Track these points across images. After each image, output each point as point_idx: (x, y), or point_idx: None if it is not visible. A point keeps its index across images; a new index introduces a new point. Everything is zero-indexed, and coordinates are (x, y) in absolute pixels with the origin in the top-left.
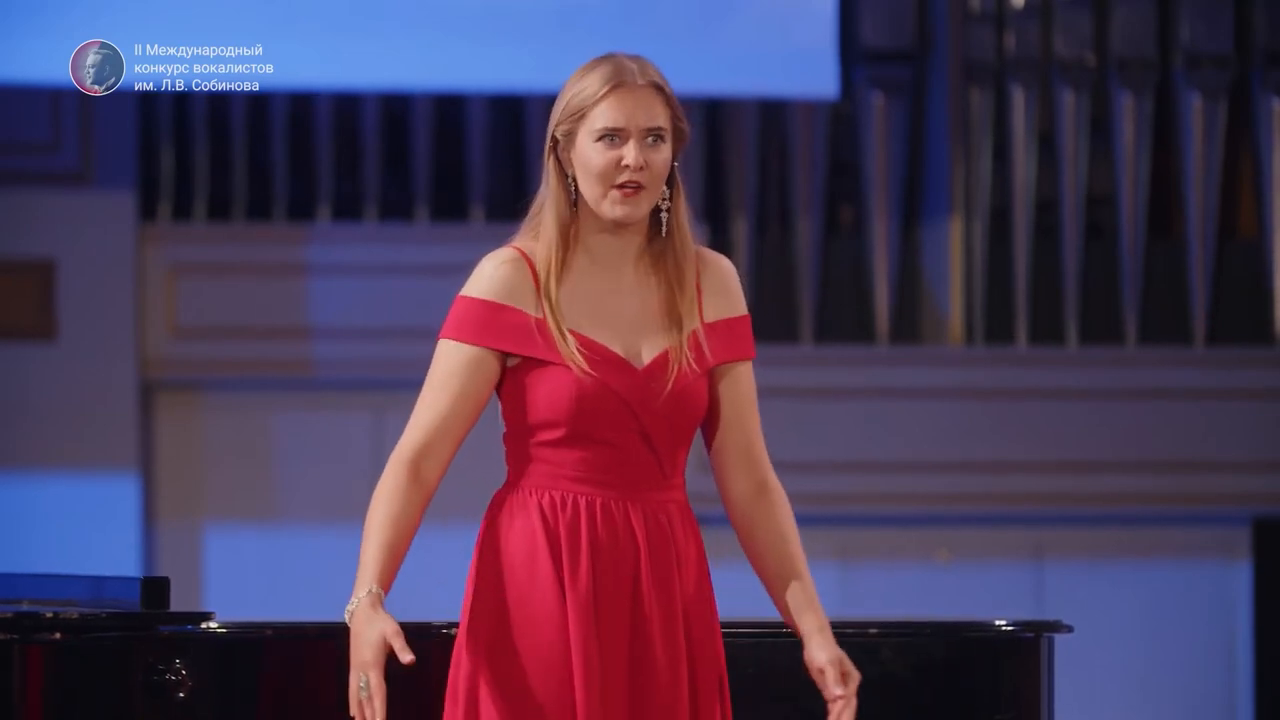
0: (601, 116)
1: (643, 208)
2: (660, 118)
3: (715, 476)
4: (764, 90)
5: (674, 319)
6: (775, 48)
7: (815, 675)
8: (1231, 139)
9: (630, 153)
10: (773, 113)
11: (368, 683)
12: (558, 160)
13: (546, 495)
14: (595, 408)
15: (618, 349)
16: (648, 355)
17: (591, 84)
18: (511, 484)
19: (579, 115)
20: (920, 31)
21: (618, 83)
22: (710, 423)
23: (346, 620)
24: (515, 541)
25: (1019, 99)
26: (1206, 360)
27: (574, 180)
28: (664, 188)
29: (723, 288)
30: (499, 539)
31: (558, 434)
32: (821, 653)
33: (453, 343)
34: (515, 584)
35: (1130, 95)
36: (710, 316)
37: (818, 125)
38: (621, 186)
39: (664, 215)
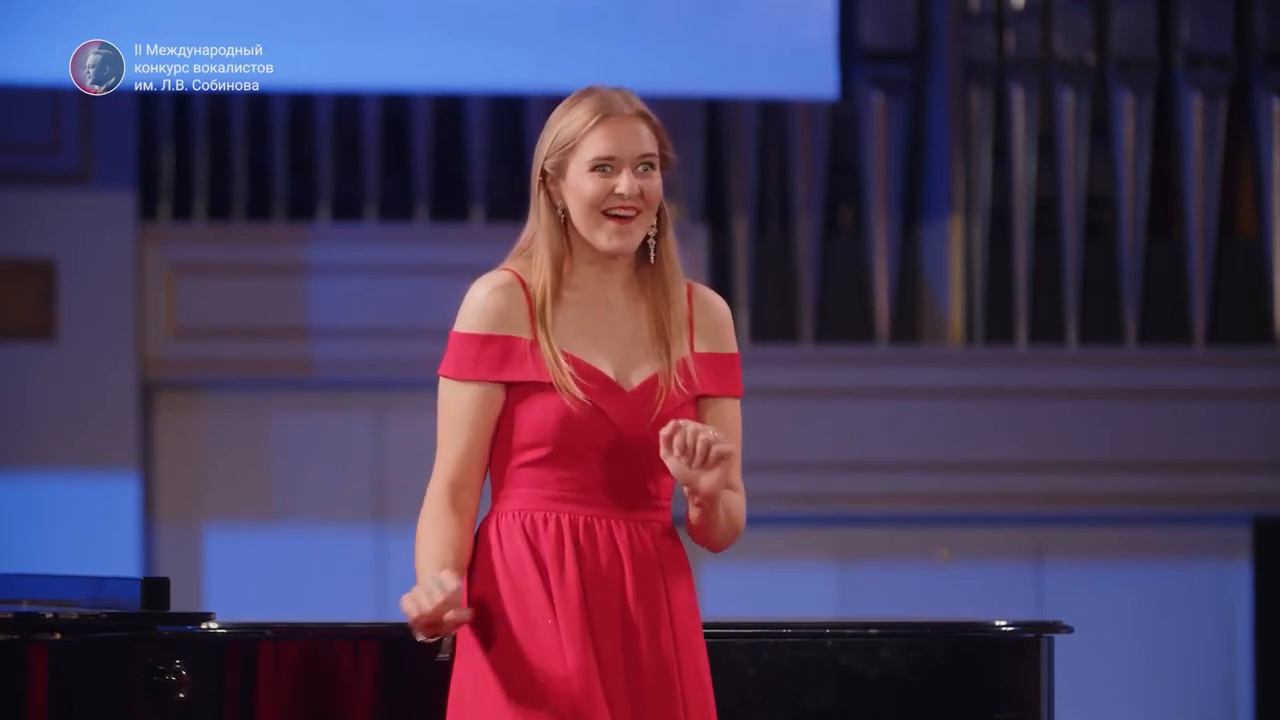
0: (593, 147)
1: (636, 236)
2: (649, 145)
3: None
4: (764, 90)
5: (662, 345)
6: (775, 48)
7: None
8: (1231, 139)
9: (624, 181)
10: (773, 113)
11: (440, 581)
12: (548, 193)
13: (529, 516)
14: (583, 429)
15: (608, 371)
16: (637, 379)
17: (580, 116)
18: (496, 509)
19: (569, 147)
20: (920, 31)
21: (607, 113)
22: None
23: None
24: (504, 563)
25: (1019, 99)
26: (1206, 360)
27: (564, 212)
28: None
29: (714, 324)
30: (488, 562)
31: (542, 453)
32: None
33: (454, 382)
34: (507, 603)
35: (1130, 95)
36: (701, 349)
37: (818, 125)
38: (616, 217)
39: (651, 243)
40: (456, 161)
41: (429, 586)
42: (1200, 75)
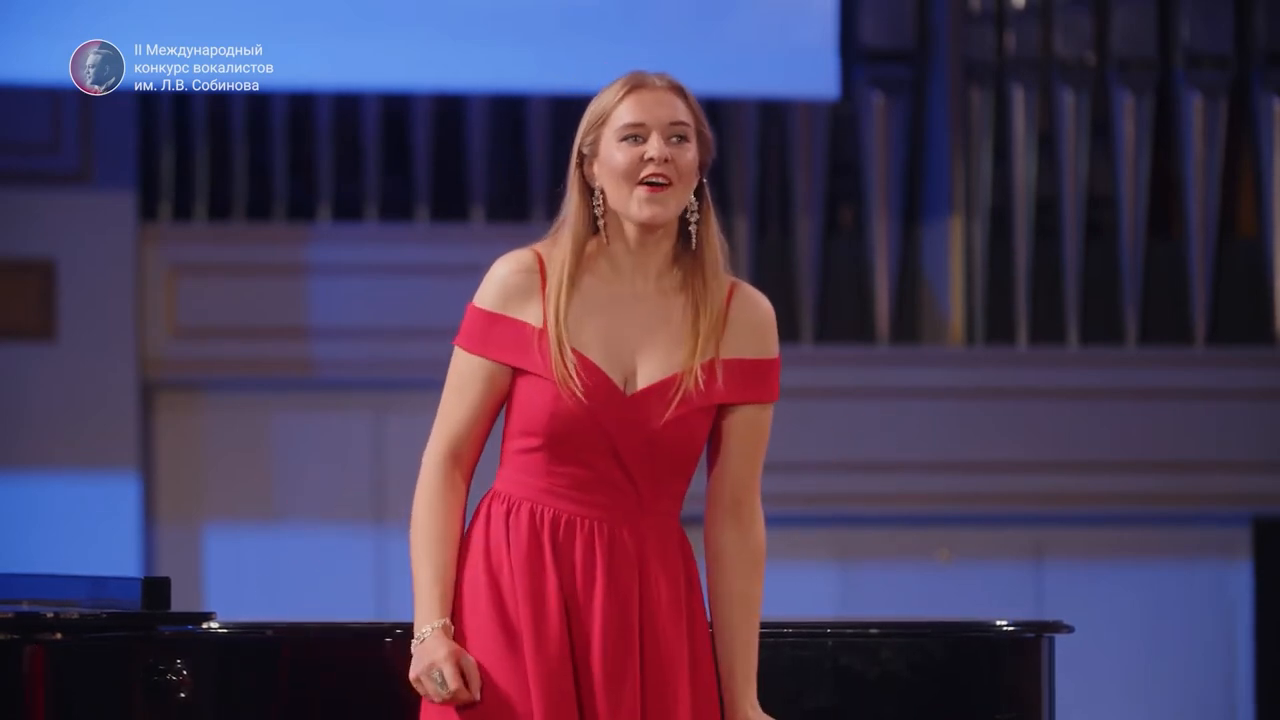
0: (623, 115)
1: (670, 207)
2: (682, 115)
3: (707, 501)
4: (764, 90)
5: (691, 342)
6: (775, 48)
7: None
8: (1231, 139)
9: (654, 146)
10: (773, 113)
11: (443, 675)
12: (583, 176)
13: (518, 505)
14: (572, 429)
15: (614, 373)
16: (647, 379)
17: (611, 91)
18: (495, 488)
19: (601, 122)
20: (920, 31)
21: (637, 84)
22: (712, 457)
23: (414, 650)
24: (487, 551)
25: (1019, 99)
26: (1206, 360)
27: (601, 193)
28: (692, 199)
29: (753, 326)
30: (475, 545)
31: (535, 443)
32: None
33: (463, 351)
34: (485, 592)
35: (1130, 95)
36: (732, 353)
37: (818, 125)
38: (649, 184)
39: (692, 227)
40: (456, 161)
41: (438, 692)
42: (1200, 75)
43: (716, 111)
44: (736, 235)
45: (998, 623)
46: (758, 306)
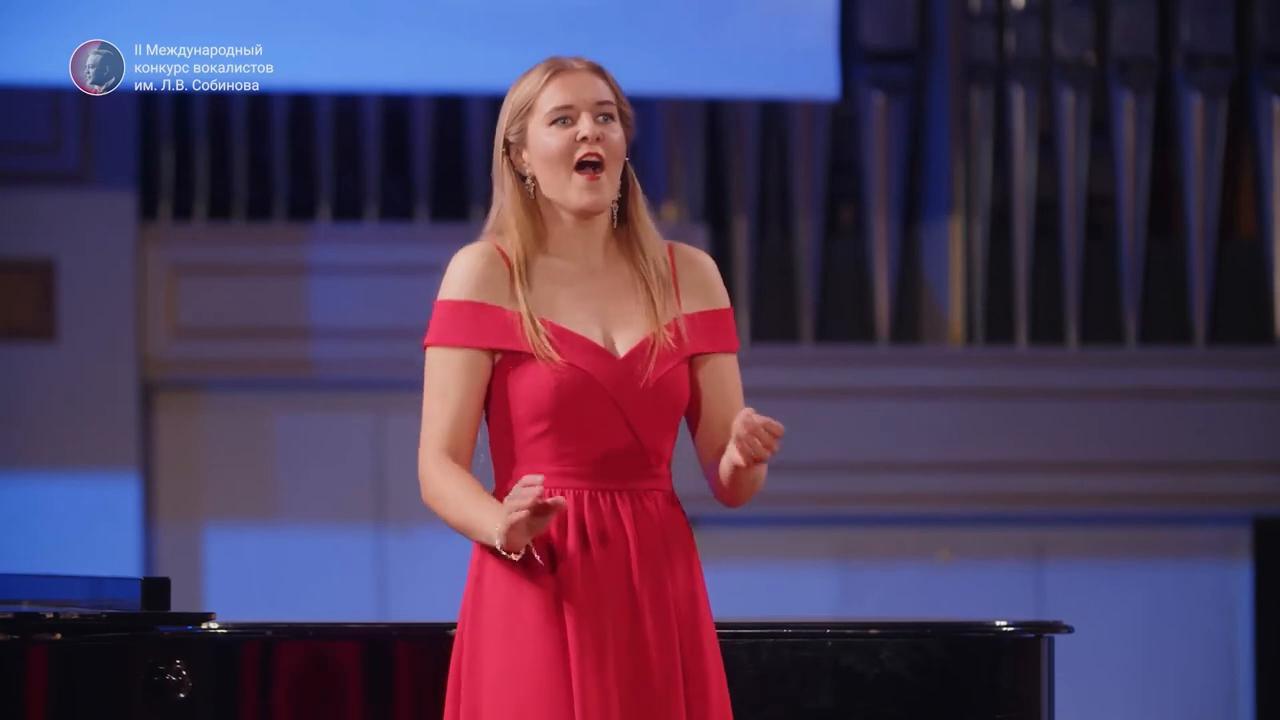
0: (550, 100)
1: (606, 193)
2: (605, 94)
3: (699, 457)
4: (764, 90)
5: (650, 307)
6: (775, 48)
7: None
8: (1231, 139)
9: (585, 126)
10: (773, 113)
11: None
12: (511, 164)
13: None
14: (577, 398)
15: (597, 338)
16: (625, 345)
17: (532, 78)
18: (500, 486)
19: (527, 109)
20: (920, 31)
21: (558, 68)
22: (694, 412)
23: (499, 545)
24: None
25: (1019, 99)
26: (1206, 360)
27: (533, 180)
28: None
29: (701, 282)
30: (488, 548)
31: (542, 427)
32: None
33: (441, 349)
34: (509, 586)
35: (1130, 95)
36: (688, 309)
37: (818, 125)
38: (584, 168)
39: (614, 206)
40: (456, 161)
41: (518, 494)
42: (1200, 75)
43: (716, 111)
44: (736, 235)
45: (998, 623)
46: (699, 262)
